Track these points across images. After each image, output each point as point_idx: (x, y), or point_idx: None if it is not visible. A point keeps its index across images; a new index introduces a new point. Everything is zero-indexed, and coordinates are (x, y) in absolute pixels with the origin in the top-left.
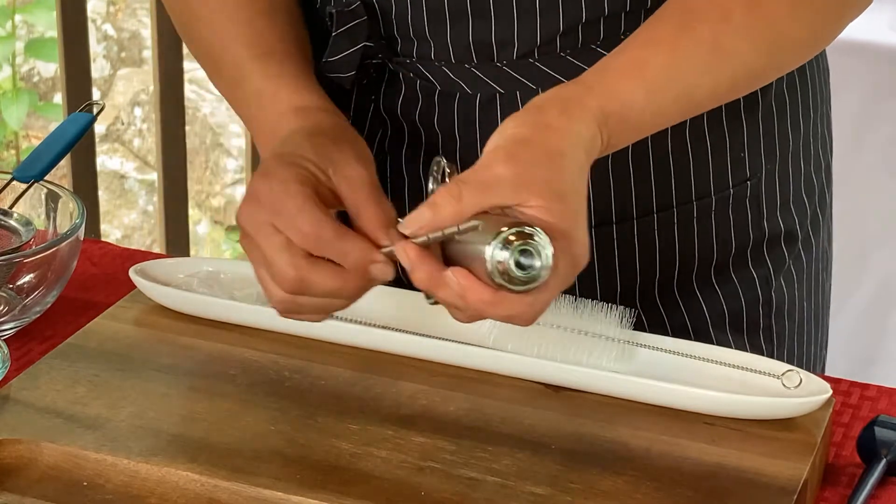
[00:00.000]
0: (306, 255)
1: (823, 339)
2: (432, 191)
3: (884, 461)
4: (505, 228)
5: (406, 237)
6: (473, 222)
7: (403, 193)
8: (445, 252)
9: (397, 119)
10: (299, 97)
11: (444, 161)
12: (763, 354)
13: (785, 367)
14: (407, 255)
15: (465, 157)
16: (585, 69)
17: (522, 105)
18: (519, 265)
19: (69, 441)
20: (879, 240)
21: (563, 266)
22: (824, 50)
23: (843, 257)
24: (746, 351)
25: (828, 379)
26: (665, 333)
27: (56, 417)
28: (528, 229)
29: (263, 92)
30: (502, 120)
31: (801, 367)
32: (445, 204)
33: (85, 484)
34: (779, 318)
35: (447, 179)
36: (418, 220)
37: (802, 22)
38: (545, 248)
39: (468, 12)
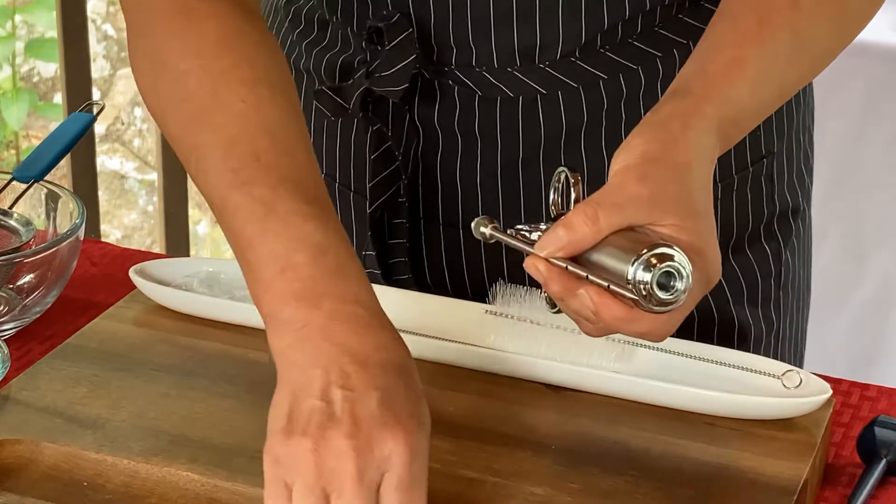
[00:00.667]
0: None
1: (808, 300)
2: (554, 201)
3: (884, 461)
4: (645, 250)
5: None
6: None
7: (437, 199)
8: (579, 262)
9: (433, 127)
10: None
11: (566, 171)
12: (773, 325)
13: (785, 367)
14: (538, 270)
15: (508, 159)
16: (624, 64)
17: (563, 102)
18: (661, 286)
19: (69, 441)
20: (879, 239)
21: (696, 283)
22: None
23: (843, 257)
24: (760, 324)
25: (828, 379)
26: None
27: (56, 417)
28: (668, 250)
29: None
30: (545, 119)
31: (796, 336)
32: (581, 225)
33: (85, 484)
34: (784, 289)
35: (571, 189)
36: (556, 242)
37: None
38: (686, 268)
39: (513, 17)
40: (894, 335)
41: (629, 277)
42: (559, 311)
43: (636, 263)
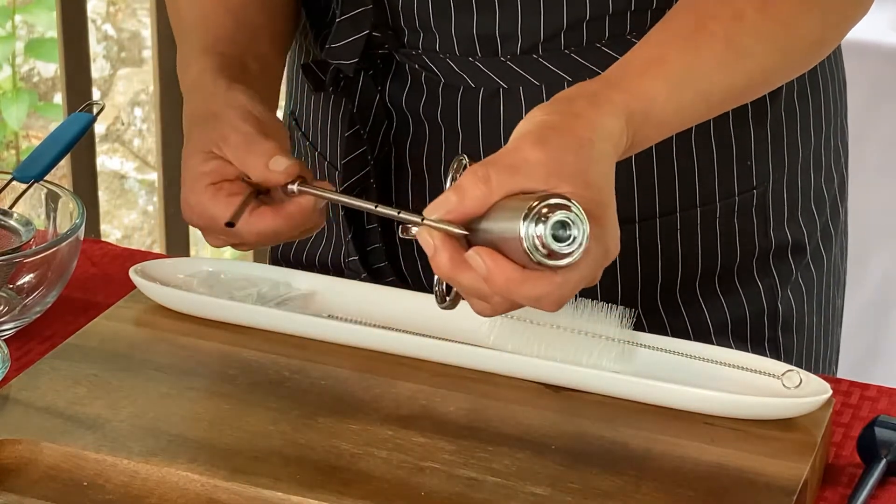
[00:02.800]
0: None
1: (833, 355)
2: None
3: (884, 461)
4: (536, 202)
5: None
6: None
7: (407, 185)
8: (472, 231)
9: (402, 111)
10: (193, 68)
11: (465, 159)
12: None
13: (785, 367)
14: (430, 238)
15: (468, 151)
16: (590, 67)
17: (525, 100)
18: (556, 238)
19: (69, 441)
20: (880, 240)
21: (594, 252)
22: (840, 63)
23: None
24: None
25: (828, 379)
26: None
27: (56, 417)
28: (562, 200)
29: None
30: (505, 115)
31: None
32: (472, 187)
33: (85, 484)
34: (786, 332)
35: None
36: (445, 205)
37: (812, 21)
38: (582, 218)
39: (473, 4)
40: (894, 335)
41: (522, 234)
42: (449, 306)
43: (529, 217)
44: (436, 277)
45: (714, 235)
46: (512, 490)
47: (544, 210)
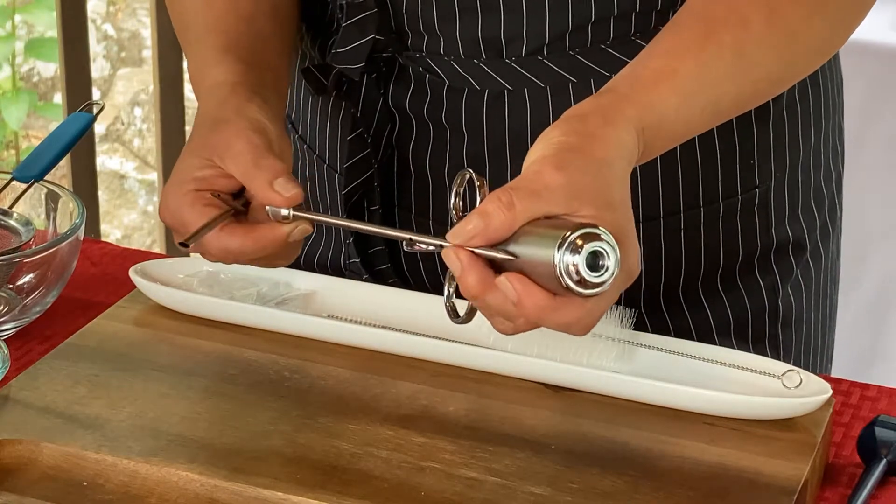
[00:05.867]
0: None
1: (829, 351)
2: (455, 205)
3: (884, 461)
4: (569, 232)
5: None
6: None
7: (410, 188)
8: (495, 266)
9: (406, 114)
10: (211, 73)
11: (470, 173)
12: None
13: (785, 367)
14: (458, 259)
15: (473, 153)
16: (594, 69)
17: (530, 102)
18: (590, 267)
19: (69, 441)
20: (879, 239)
21: (619, 275)
22: (838, 61)
23: (843, 257)
24: None
25: (828, 379)
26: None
27: (56, 417)
28: (594, 230)
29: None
30: (509, 116)
31: None
32: (497, 212)
33: (85, 484)
34: (785, 329)
35: (477, 193)
36: (469, 230)
37: (817, 29)
38: (614, 247)
39: (477, 7)
40: (894, 335)
41: (556, 261)
42: (464, 321)
43: (563, 246)
44: (445, 293)
45: (717, 234)
46: (512, 490)
47: (578, 241)
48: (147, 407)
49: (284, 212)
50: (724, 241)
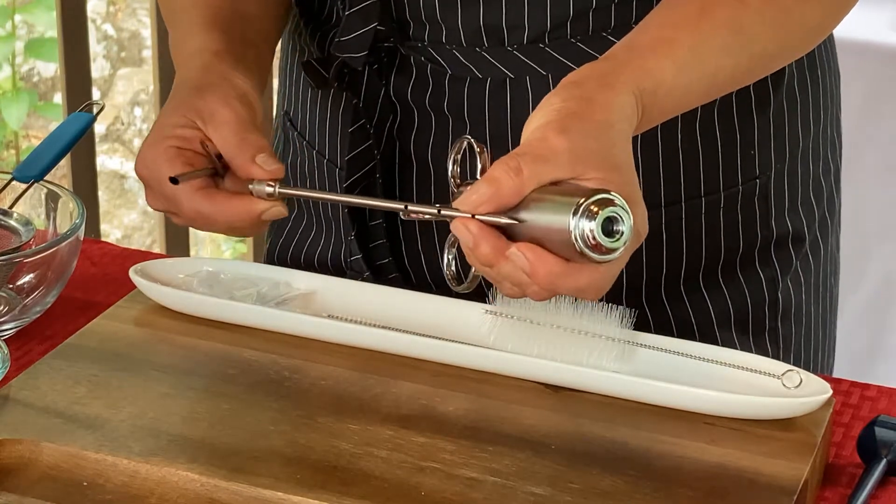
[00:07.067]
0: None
1: (831, 345)
2: (454, 172)
3: (884, 461)
4: (583, 198)
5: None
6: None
7: (412, 178)
8: (504, 232)
9: (407, 104)
10: (195, 41)
11: (469, 139)
12: (769, 356)
13: (785, 367)
14: (468, 230)
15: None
16: (596, 56)
17: (532, 90)
18: (606, 233)
19: (69, 441)
20: (880, 239)
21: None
22: (835, 55)
23: (844, 256)
24: (752, 352)
25: (828, 379)
26: (670, 331)
27: (56, 417)
28: (608, 195)
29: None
30: (512, 104)
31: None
32: (505, 178)
33: (85, 484)
34: (785, 321)
35: (478, 159)
36: (478, 197)
37: (811, 8)
38: (627, 211)
39: None
40: (894, 335)
41: (571, 228)
42: (467, 287)
43: (578, 212)
44: (445, 259)
45: (718, 225)
46: (512, 490)
47: (592, 206)
48: (147, 407)
49: (270, 189)
50: (724, 232)
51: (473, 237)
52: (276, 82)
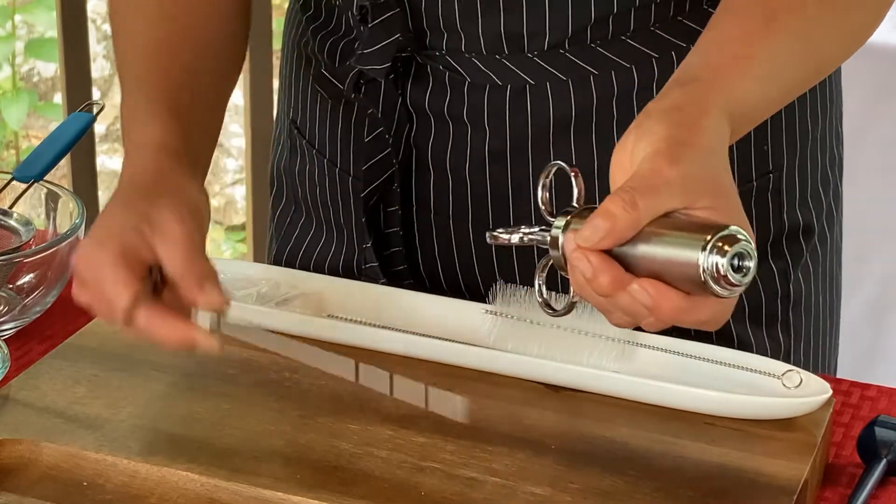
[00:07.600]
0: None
1: (836, 334)
2: (543, 199)
3: (884, 461)
4: (710, 235)
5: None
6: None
7: (429, 186)
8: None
9: (424, 112)
10: (150, 130)
11: (561, 165)
12: (781, 348)
13: (785, 367)
14: (588, 261)
15: (495, 149)
16: (616, 60)
17: (552, 95)
18: (734, 268)
19: (69, 441)
20: (880, 239)
21: None
22: None
23: (844, 256)
24: (765, 344)
25: (828, 379)
26: (685, 327)
27: (56, 417)
28: (734, 232)
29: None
30: (532, 110)
31: (817, 360)
32: (622, 213)
33: (85, 484)
34: (796, 312)
35: (573, 184)
36: (595, 233)
37: (858, 7)
38: (753, 247)
39: (499, 4)
40: (894, 335)
41: (701, 263)
42: (563, 314)
43: (708, 249)
44: (536, 287)
45: None
46: (512, 490)
47: (719, 243)
48: (147, 407)
49: (209, 323)
50: None
51: (593, 268)
52: (275, 83)
